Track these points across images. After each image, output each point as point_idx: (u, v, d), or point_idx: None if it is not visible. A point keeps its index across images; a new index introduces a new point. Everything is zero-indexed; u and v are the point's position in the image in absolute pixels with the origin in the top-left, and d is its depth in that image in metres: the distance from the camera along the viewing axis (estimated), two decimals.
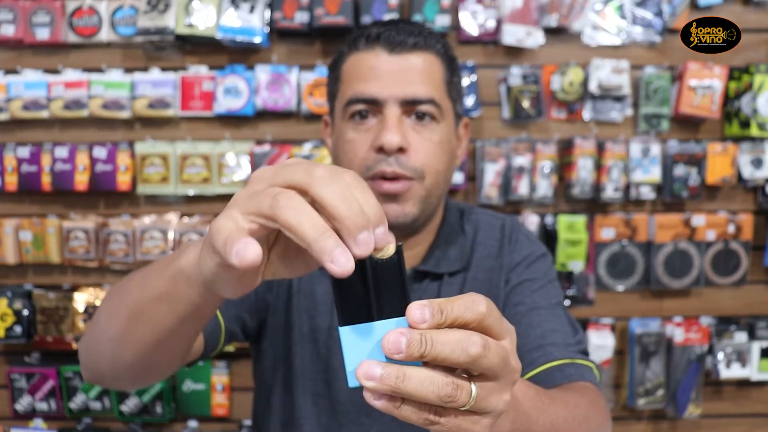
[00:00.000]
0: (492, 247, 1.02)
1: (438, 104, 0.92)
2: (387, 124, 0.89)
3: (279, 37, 1.94)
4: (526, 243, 1.05)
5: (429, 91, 0.90)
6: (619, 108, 1.95)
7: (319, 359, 1.01)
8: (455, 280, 1.01)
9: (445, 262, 1.00)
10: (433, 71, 0.92)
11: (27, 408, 2.00)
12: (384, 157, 0.90)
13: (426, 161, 0.91)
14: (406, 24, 0.94)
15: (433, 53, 0.93)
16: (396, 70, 0.89)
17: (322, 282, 1.02)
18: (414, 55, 0.91)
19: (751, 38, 1.95)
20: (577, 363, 0.89)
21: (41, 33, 1.90)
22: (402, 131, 0.89)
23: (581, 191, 1.93)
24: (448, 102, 0.95)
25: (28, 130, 1.98)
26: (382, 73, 0.89)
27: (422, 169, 0.91)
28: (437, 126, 0.93)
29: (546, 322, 0.93)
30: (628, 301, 2.02)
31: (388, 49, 0.90)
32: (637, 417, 2.05)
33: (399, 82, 0.89)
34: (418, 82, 0.90)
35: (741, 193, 2.01)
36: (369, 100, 0.90)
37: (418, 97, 0.90)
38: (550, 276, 1.02)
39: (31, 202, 2.01)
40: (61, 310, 1.95)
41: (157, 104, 1.91)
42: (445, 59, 0.95)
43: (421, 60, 0.91)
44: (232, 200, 0.49)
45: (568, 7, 1.89)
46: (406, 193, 0.91)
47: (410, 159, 0.90)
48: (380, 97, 0.89)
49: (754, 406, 2.07)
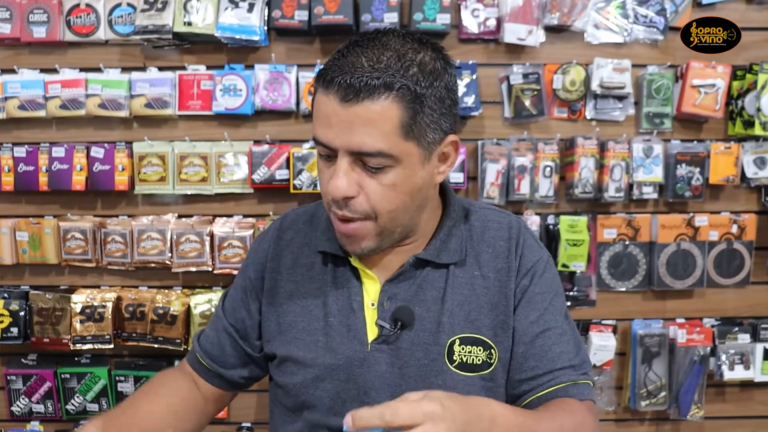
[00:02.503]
0: (501, 248, 1.06)
1: (387, 154, 0.90)
2: (336, 171, 0.91)
3: (278, 36, 1.93)
4: (535, 247, 1.08)
5: (376, 143, 0.89)
6: (621, 107, 1.94)
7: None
8: (464, 274, 1.04)
9: (446, 253, 1.04)
10: (384, 120, 0.88)
11: (23, 410, 1.98)
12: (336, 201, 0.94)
13: (377, 204, 0.93)
14: (369, 58, 0.89)
15: (389, 98, 0.88)
16: (345, 121, 0.89)
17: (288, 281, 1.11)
18: (364, 105, 0.88)
19: (754, 36, 1.93)
20: (579, 383, 1.01)
21: (38, 31, 1.88)
22: (349, 180, 0.91)
23: (583, 191, 1.91)
24: (406, 145, 0.91)
25: (25, 129, 1.96)
26: (334, 122, 0.90)
27: (372, 211, 0.94)
28: (391, 170, 0.92)
29: (556, 345, 1.02)
30: (630, 301, 2.00)
31: (341, 96, 0.88)
32: (639, 419, 2.04)
33: (347, 133, 0.89)
34: (364, 135, 0.89)
35: (744, 193, 1.99)
36: (324, 145, 0.92)
37: (364, 150, 0.89)
38: (556, 286, 1.08)
39: (28, 202, 1.99)
40: (59, 311, 1.94)
41: (155, 103, 1.89)
42: (407, 98, 0.89)
43: (370, 110, 0.88)
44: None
45: (569, 5, 1.88)
46: (358, 233, 0.96)
47: (359, 204, 0.93)
48: (333, 145, 0.91)
49: (758, 408, 2.06)
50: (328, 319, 1.04)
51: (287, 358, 1.06)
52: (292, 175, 1.88)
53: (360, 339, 1.01)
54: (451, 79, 0.95)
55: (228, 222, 1.93)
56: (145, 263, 1.94)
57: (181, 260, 1.92)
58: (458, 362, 1.00)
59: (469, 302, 1.02)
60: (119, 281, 1.99)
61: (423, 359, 1.00)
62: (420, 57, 0.91)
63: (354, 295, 1.03)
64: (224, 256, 1.91)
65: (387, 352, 1.01)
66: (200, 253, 1.91)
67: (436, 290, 1.02)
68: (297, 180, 1.88)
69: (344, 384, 1.02)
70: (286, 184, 1.89)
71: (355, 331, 1.02)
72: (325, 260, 1.08)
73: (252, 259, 1.16)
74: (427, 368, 0.99)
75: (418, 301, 1.02)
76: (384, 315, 1.01)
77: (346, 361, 1.01)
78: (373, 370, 1.01)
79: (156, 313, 1.90)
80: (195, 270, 1.93)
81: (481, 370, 1.00)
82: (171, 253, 1.92)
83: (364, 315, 1.02)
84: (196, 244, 1.91)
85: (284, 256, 1.11)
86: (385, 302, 1.02)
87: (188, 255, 1.91)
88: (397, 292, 1.02)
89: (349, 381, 1.02)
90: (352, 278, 1.05)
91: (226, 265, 1.91)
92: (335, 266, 1.07)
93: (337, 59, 0.91)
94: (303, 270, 1.09)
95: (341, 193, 0.91)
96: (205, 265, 1.92)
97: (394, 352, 1.00)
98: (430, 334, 1.00)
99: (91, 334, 1.90)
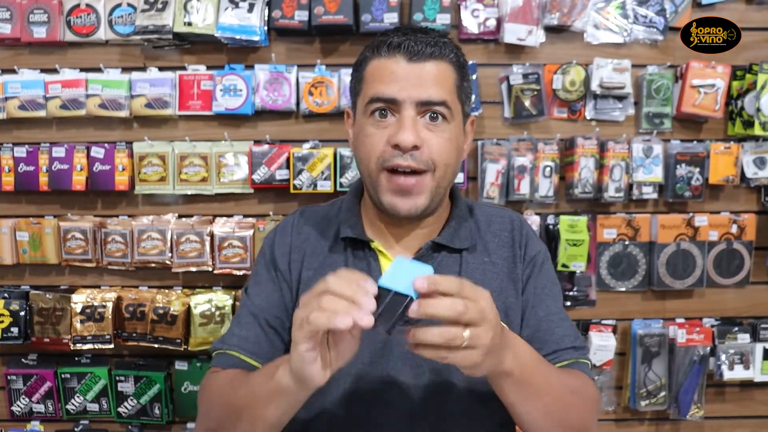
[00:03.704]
0: (506, 238, 1.17)
1: (449, 106, 1.03)
2: (403, 124, 1.01)
3: (278, 36, 1.93)
4: (536, 239, 1.20)
5: (442, 94, 1.02)
6: (621, 107, 1.94)
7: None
8: (476, 261, 1.13)
9: (458, 239, 1.13)
10: (446, 77, 1.04)
11: (24, 410, 1.98)
12: (399, 153, 1.02)
13: (437, 156, 1.03)
14: (423, 34, 1.05)
15: (446, 62, 1.04)
16: (413, 75, 1.02)
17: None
18: (429, 63, 1.02)
19: (754, 37, 1.93)
20: (580, 362, 1.10)
21: (38, 31, 1.88)
22: (416, 130, 1.01)
23: (583, 191, 1.91)
24: (458, 104, 1.06)
25: (25, 129, 1.96)
26: (401, 77, 1.01)
27: (434, 162, 1.03)
28: (448, 125, 1.04)
29: (558, 328, 1.11)
30: (630, 301, 2.00)
31: (407, 57, 1.02)
32: (639, 419, 2.04)
33: (416, 86, 1.01)
34: (432, 87, 1.02)
35: (744, 193, 2.00)
36: (389, 100, 1.02)
37: (432, 99, 1.02)
38: (554, 276, 1.19)
39: (28, 202, 1.99)
40: (59, 311, 1.94)
41: (155, 103, 1.89)
42: (457, 66, 1.06)
43: (435, 68, 1.03)
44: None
45: (569, 5, 1.88)
46: (418, 187, 1.04)
47: (423, 154, 1.02)
48: (399, 98, 1.01)
49: (758, 407, 2.06)
50: None
51: None
52: (292, 175, 1.88)
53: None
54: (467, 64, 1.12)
55: (228, 222, 1.93)
56: (146, 263, 1.94)
57: (181, 260, 1.92)
58: None
59: (481, 286, 1.04)
60: (119, 281, 1.99)
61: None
62: (453, 45, 1.08)
63: (374, 278, 1.05)
64: (224, 256, 1.91)
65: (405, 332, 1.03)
66: (200, 253, 1.91)
67: (452, 273, 1.08)
68: (297, 180, 1.88)
69: (368, 366, 1.07)
70: (286, 184, 1.89)
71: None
72: (344, 247, 1.14)
73: (279, 252, 1.17)
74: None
75: None
76: None
77: (369, 343, 1.05)
78: (395, 351, 1.06)
79: (156, 313, 1.90)
80: (195, 270, 1.93)
81: None
82: (171, 253, 1.92)
83: None
84: (196, 244, 1.91)
85: (305, 247, 1.17)
86: None
87: (188, 255, 1.91)
88: None
89: (373, 363, 1.06)
90: (372, 261, 1.11)
91: (226, 265, 1.91)
92: (354, 251, 1.13)
93: (392, 34, 1.05)
94: (321, 258, 1.14)
95: (411, 141, 1.00)
96: (205, 265, 1.92)
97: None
98: None
99: (91, 334, 1.90)
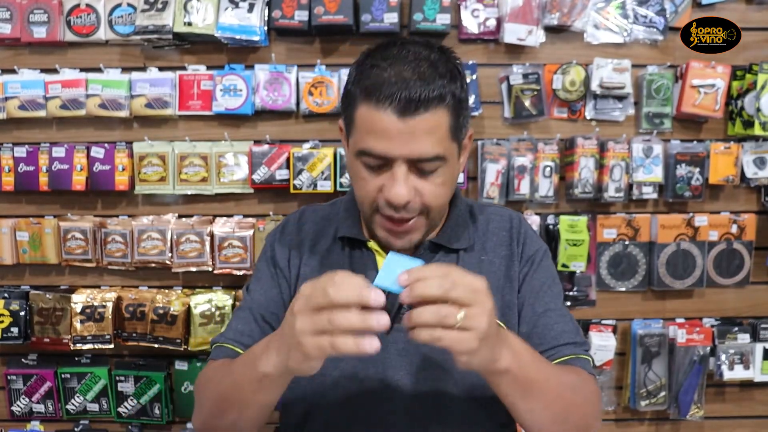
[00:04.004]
0: (504, 237, 1.17)
1: (442, 157, 0.99)
2: (396, 179, 0.98)
3: (278, 36, 1.92)
4: (535, 238, 1.19)
5: (435, 148, 0.98)
6: (621, 107, 1.94)
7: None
8: (472, 260, 1.13)
9: (456, 239, 1.13)
10: (439, 127, 0.98)
11: (24, 410, 1.98)
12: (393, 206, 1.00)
13: (432, 201, 1.02)
14: (418, 77, 0.95)
15: (441, 107, 0.97)
16: (405, 132, 0.96)
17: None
18: (422, 116, 0.95)
19: (754, 36, 1.93)
20: (580, 357, 1.09)
21: (38, 31, 1.88)
22: (408, 186, 0.99)
23: (583, 191, 1.91)
24: (454, 145, 1.02)
25: (25, 129, 1.96)
26: (393, 135, 0.96)
27: (428, 207, 1.02)
28: (441, 169, 1.01)
29: (557, 324, 1.10)
30: (630, 301, 2.00)
31: (399, 112, 0.95)
32: (639, 419, 2.04)
33: (407, 144, 0.96)
34: (425, 142, 0.97)
35: (744, 193, 2.00)
36: (380, 156, 0.98)
37: (424, 156, 0.98)
38: (554, 273, 1.18)
39: (28, 202, 1.99)
40: (59, 311, 1.94)
41: (155, 103, 1.89)
42: (453, 104, 0.98)
43: (427, 121, 0.96)
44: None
45: (569, 5, 1.88)
46: (412, 228, 1.04)
47: (416, 204, 1.01)
48: (390, 155, 0.98)
49: (758, 407, 2.06)
50: None
51: None
52: (292, 175, 1.88)
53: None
54: (464, 75, 1.05)
55: (228, 222, 1.93)
56: (146, 263, 1.94)
57: (181, 260, 1.92)
58: None
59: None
60: (119, 281, 1.99)
61: None
62: (448, 65, 1.00)
63: (370, 277, 1.06)
64: (224, 256, 1.91)
65: (402, 330, 1.03)
66: (200, 253, 1.91)
67: None
68: (297, 180, 1.88)
69: (363, 363, 1.07)
70: (286, 184, 1.89)
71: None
72: (342, 246, 1.15)
73: (279, 250, 1.19)
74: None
75: None
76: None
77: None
78: (390, 348, 1.06)
79: (156, 313, 1.90)
80: (195, 270, 1.93)
81: None
82: (171, 253, 1.92)
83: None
84: (196, 244, 1.91)
85: (304, 245, 1.18)
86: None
87: (188, 255, 1.91)
88: None
89: (368, 360, 1.05)
90: (369, 261, 1.11)
91: (226, 265, 1.91)
92: (351, 250, 1.14)
93: (379, 74, 0.96)
94: (320, 257, 1.15)
95: (404, 200, 0.98)
96: (205, 265, 1.92)
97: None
98: None
99: (91, 334, 1.90)
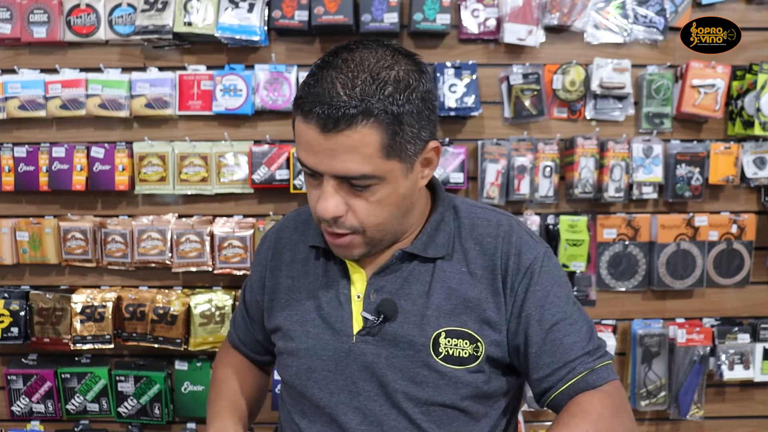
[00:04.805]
0: (488, 245, 1.06)
1: (371, 176, 0.93)
2: (323, 195, 0.95)
3: (278, 36, 1.93)
4: (531, 243, 1.07)
5: (360, 167, 0.92)
6: (621, 107, 1.94)
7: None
8: (452, 269, 1.05)
9: (433, 247, 1.05)
10: (366, 145, 0.91)
11: (24, 410, 1.98)
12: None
13: (364, 219, 0.97)
14: (343, 84, 0.90)
15: (368, 124, 0.90)
16: (327, 148, 0.91)
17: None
18: (344, 134, 0.90)
19: (754, 37, 1.93)
20: (597, 369, 1.01)
21: (38, 31, 1.88)
22: (336, 201, 0.95)
23: (583, 191, 1.91)
24: (388, 163, 0.94)
25: (25, 129, 1.96)
26: (317, 150, 0.92)
27: (360, 226, 0.98)
28: (376, 187, 0.95)
29: (567, 336, 1.02)
30: (630, 301, 2.00)
31: (320, 127, 0.90)
32: (639, 419, 2.04)
33: (331, 160, 0.92)
34: (348, 160, 0.92)
35: (744, 193, 2.00)
36: (311, 170, 0.96)
37: (349, 174, 0.93)
38: (557, 277, 1.06)
39: (28, 202, 1.99)
40: (59, 311, 1.94)
41: (155, 103, 1.89)
42: (386, 121, 0.91)
43: (351, 138, 0.90)
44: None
45: (569, 5, 1.88)
46: (348, 244, 1.00)
47: (347, 221, 0.97)
48: (318, 170, 0.95)
49: (758, 407, 2.06)
50: (319, 311, 1.08)
51: (284, 350, 1.11)
52: (292, 175, 1.88)
53: (346, 331, 1.05)
54: (426, 86, 0.96)
55: (228, 222, 1.93)
56: (146, 263, 1.94)
57: (181, 260, 1.92)
58: (444, 354, 1.02)
59: (455, 296, 1.04)
60: (119, 281, 1.99)
61: (408, 350, 1.02)
62: (394, 73, 0.92)
63: (342, 288, 1.07)
64: (224, 256, 1.91)
65: (372, 343, 1.03)
66: (200, 253, 1.91)
67: (422, 284, 1.04)
68: (297, 180, 1.88)
69: (333, 374, 1.05)
70: (286, 184, 1.89)
71: (341, 322, 1.05)
72: (317, 255, 1.12)
73: (256, 260, 1.23)
74: (413, 359, 1.02)
75: (404, 294, 1.04)
76: (369, 307, 1.04)
77: (334, 352, 1.05)
78: (359, 360, 1.04)
79: (156, 313, 1.90)
80: (195, 270, 1.93)
81: (468, 363, 1.02)
82: (171, 253, 1.92)
83: (351, 307, 1.05)
84: (196, 244, 1.91)
85: (284, 253, 1.16)
86: (371, 294, 1.05)
87: (188, 255, 1.91)
88: (383, 285, 1.05)
89: (337, 371, 1.05)
90: (341, 272, 1.08)
91: (226, 265, 1.91)
92: (326, 260, 1.11)
93: (312, 85, 0.92)
94: (299, 266, 1.13)
95: (330, 215, 0.95)
96: (205, 265, 1.92)
97: (379, 343, 1.03)
98: (414, 326, 1.02)
99: (91, 334, 1.90)
